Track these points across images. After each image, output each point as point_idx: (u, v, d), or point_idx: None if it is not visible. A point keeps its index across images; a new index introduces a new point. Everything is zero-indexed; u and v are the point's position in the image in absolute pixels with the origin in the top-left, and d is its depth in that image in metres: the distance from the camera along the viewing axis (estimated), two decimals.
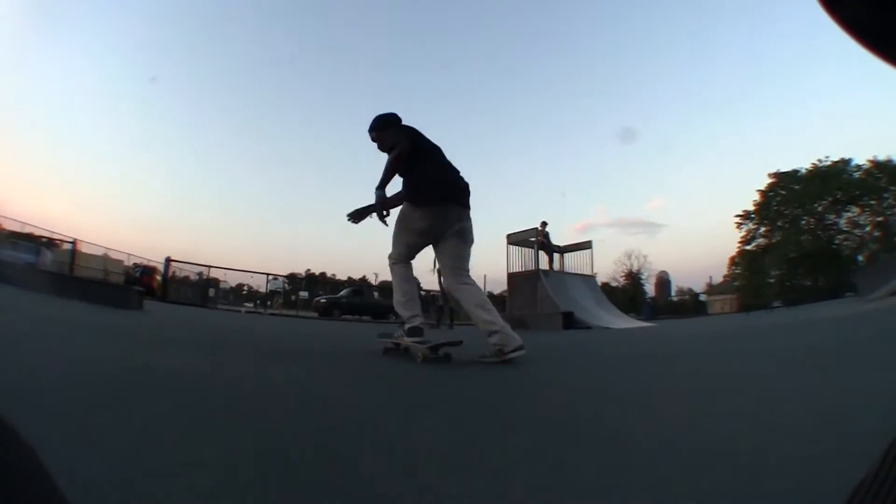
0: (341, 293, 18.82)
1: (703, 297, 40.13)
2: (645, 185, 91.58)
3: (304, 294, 21.52)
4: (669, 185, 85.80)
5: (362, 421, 1.20)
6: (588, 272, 13.93)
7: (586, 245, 13.92)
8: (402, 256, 2.83)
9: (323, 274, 54.71)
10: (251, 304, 21.72)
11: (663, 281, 51.24)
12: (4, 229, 18.70)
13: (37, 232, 20.05)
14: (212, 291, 16.75)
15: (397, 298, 2.80)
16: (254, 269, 33.23)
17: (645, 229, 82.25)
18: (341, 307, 16.73)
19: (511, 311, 11.53)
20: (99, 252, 24.25)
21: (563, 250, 13.47)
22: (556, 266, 12.97)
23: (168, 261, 13.82)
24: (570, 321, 10.14)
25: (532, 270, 11.70)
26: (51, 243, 18.01)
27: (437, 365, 2.47)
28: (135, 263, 21.47)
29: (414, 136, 2.74)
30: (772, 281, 39.08)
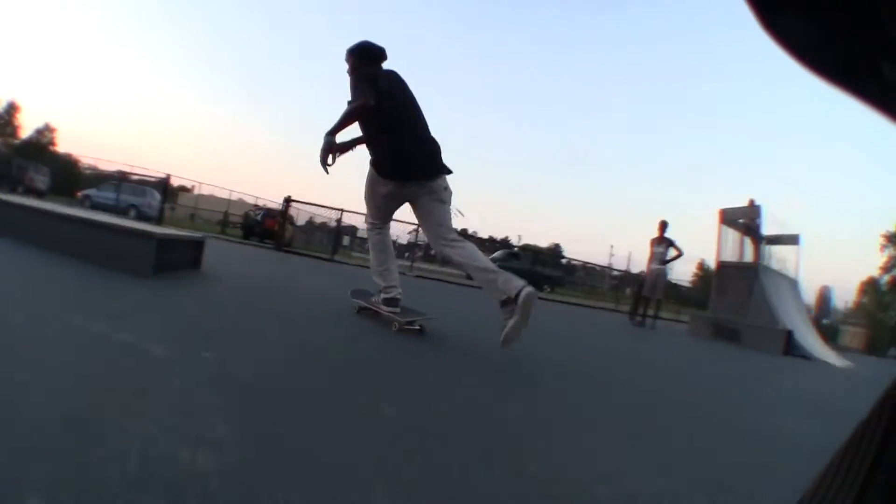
0: (495, 255, 16.55)
1: (825, 321, 34.78)
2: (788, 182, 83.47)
3: None
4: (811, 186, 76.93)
5: None
6: (791, 275, 10.83)
7: (793, 239, 10.74)
8: (376, 219, 2.73)
9: (464, 230, 53.89)
10: None
11: (825, 297, 42.96)
12: (126, 176, 17.47)
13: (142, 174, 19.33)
14: (346, 240, 15.09)
15: (373, 267, 2.75)
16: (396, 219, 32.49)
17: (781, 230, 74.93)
18: None
19: (716, 313, 8.78)
20: (230, 196, 23.94)
21: (768, 241, 10.40)
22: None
23: (287, 201, 11.70)
24: (789, 344, 7.32)
25: (750, 263, 8.84)
26: (182, 188, 16.68)
27: None
28: (257, 206, 19.54)
29: (383, 91, 2.44)
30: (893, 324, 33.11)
